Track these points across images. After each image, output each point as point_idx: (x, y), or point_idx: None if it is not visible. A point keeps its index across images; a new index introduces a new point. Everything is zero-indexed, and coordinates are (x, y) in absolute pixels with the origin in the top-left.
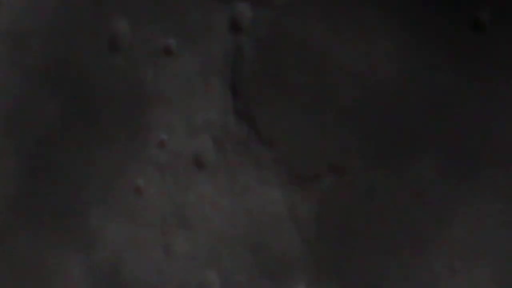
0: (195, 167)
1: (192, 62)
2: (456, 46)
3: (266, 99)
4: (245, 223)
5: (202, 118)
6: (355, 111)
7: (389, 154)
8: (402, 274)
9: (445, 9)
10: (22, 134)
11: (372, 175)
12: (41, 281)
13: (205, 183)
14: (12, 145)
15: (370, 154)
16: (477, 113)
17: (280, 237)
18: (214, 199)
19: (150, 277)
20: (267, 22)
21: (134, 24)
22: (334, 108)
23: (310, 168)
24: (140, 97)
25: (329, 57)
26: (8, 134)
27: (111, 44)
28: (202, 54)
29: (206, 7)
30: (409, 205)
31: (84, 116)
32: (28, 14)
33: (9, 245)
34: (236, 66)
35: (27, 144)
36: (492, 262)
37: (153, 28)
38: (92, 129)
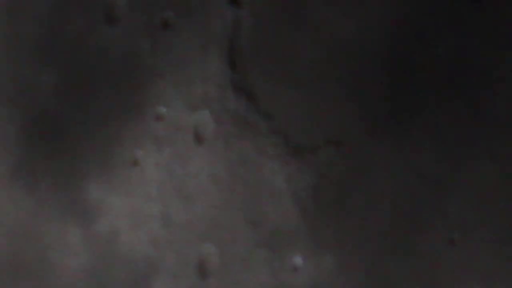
0: (193, 140)
1: (190, 35)
2: (453, 15)
3: (264, 72)
4: (242, 194)
5: (200, 91)
6: (352, 83)
7: (386, 126)
8: (400, 247)
9: None
10: (19, 105)
11: (369, 147)
12: (40, 253)
13: (203, 156)
14: (11, 115)
15: (367, 126)
16: (474, 82)
17: (277, 208)
18: (212, 171)
19: (148, 248)
20: None
21: None
22: (332, 80)
23: (308, 140)
24: (137, 70)
25: (326, 29)
26: (6, 104)
27: (108, 16)
28: (200, 27)
29: None
30: (406, 177)
31: (81, 89)
32: None
33: (9, 216)
34: (234, 39)
35: (25, 115)
36: (490, 233)
37: (151, 0)
38: (89, 102)
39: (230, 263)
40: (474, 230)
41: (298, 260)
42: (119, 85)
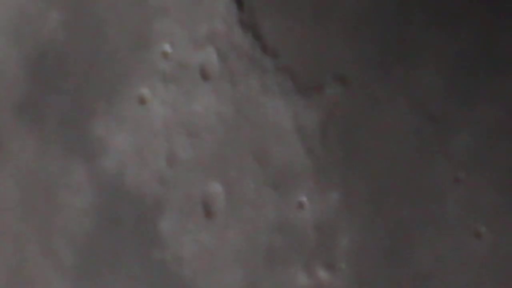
0: (199, 78)
1: None
2: None
3: (270, 9)
4: (249, 133)
5: (206, 29)
6: (359, 21)
7: (392, 63)
8: (406, 184)
9: None
10: (26, 41)
11: (375, 85)
12: (46, 190)
13: (209, 93)
14: (18, 53)
15: (373, 63)
16: (478, 22)
17: (284, 147)
18: (218, 109)
19: (154, 185)
20: None
21: None
22: (338, 18)
23: (314, 78)
24: (143, 7)
25: None
26: (13, 41)
27: None
28: None
29: None
30: (412, 115)
31: (86, 25)
32: None
33: (15, 154)
34: None
35: (31, 52)
36: (495, 171)
37: None
38: (95, 39)
39: (236, 201)
40: (479, 168)
41: (303, 197)
42: (125, 23)
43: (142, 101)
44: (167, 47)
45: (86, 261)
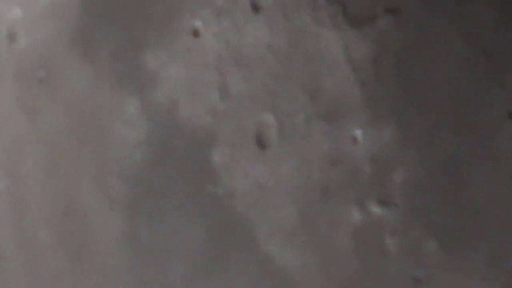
0: (252, 10)
1: None
2: None
3: None
4: (300, 65)
5: None
6: None
7: None
8: (459, 118)
9: None
10: None
11: (428, 17)
12: (98, 122)
13: (261, 26)
14: None
15: None
16: None
17: (336, 79)
18: (270, 41)
19: (206, 118)
20: None
21: None
22: None
23: (366, 10)
24: None
25: None
26: None
27: None
28: None
29: None
30: (465, 49)
31: None
32: None
33: (67, 86)
34: None
35: None
36: None
37: None
38: None
39: (288, 133)
40: None
41: (357, 130)
42: None
43: (194, 33)
44: None
45: (137, 193)
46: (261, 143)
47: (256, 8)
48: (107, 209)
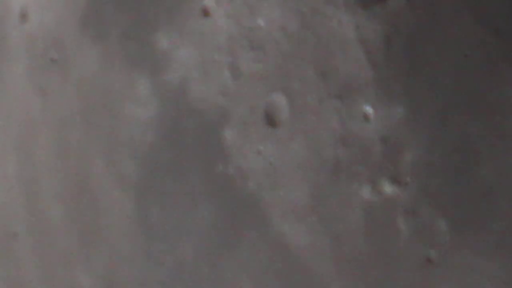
0: None
1: None
2: None
3: None
4: (312, 45)
5: None
6: None
7: None
8: (472, 98)
9: None
10: None
11: None
12: (109, 102)
13: (273, 6)
14: None
15: None
16: None
17: (347, 59)
18: (281, 21)
19: (217, 98)
20: None
21: None
22: None
23: None
24: None
25: None
26: None
27: None
28: None
29: None
30: (477, 30)
31: None
32: None
33: (78, 66)
34: None
35: None
36: None
37: None
38: None
39: (300, 112)
40: None
41: (368, 110)
42: None
43: (205, 13)
44: None
45: (148, 173)
46: (272, 122)
47: None
48: (118, 189)
